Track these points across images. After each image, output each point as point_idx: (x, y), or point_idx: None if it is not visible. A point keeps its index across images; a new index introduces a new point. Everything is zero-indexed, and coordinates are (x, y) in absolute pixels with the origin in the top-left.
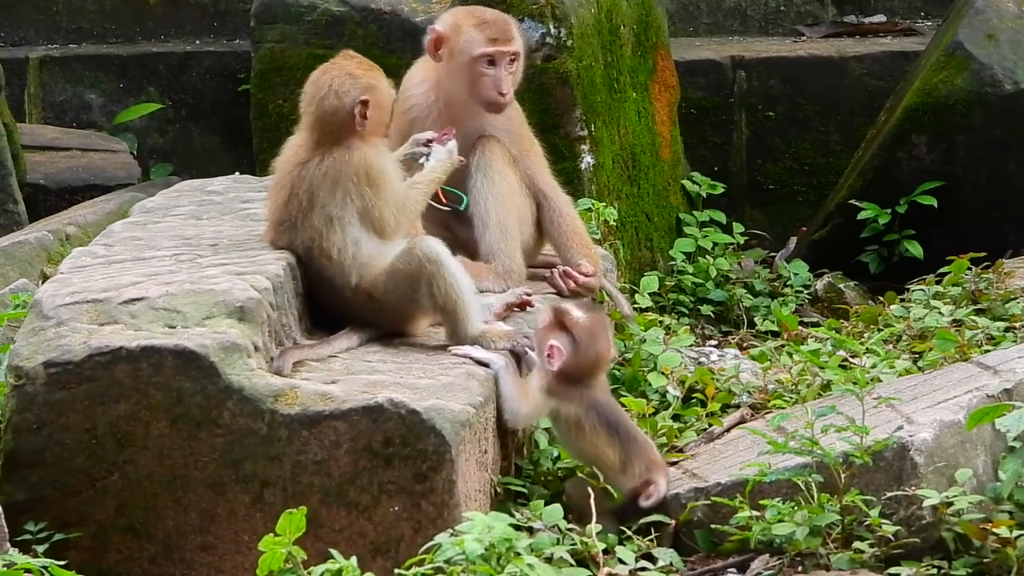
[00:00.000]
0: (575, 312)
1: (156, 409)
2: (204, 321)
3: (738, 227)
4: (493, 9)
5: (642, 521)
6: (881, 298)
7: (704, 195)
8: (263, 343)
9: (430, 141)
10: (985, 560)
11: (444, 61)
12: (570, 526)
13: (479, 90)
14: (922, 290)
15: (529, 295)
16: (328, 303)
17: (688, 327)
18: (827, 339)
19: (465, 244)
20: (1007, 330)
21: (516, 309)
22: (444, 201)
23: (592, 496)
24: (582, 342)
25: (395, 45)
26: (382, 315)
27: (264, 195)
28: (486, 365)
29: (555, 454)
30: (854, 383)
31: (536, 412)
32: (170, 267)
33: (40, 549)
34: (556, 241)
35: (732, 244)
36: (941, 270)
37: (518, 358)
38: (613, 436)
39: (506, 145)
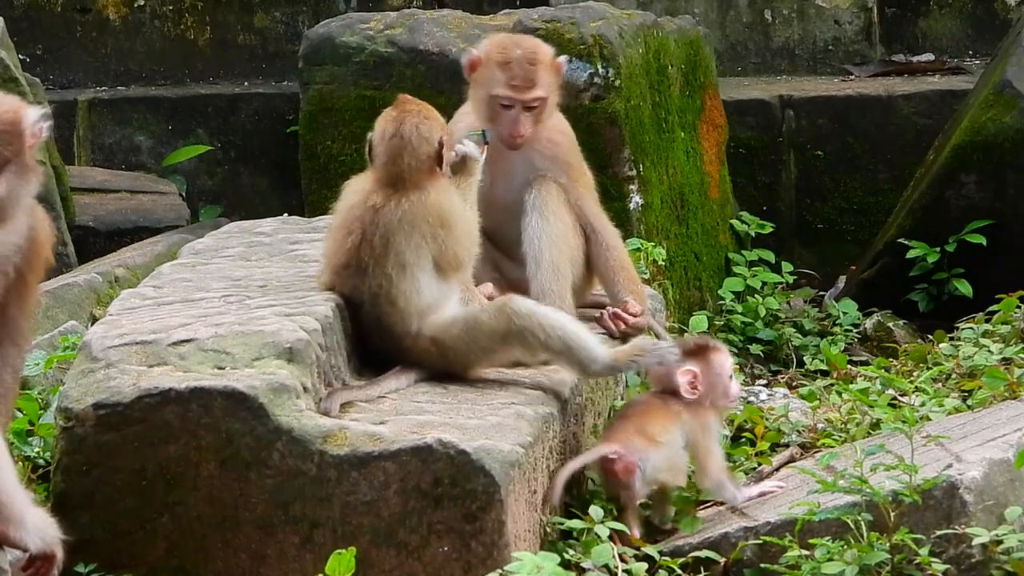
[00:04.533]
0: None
1: (205, 450)
2: (253, 362)
3: (787, 266)
4: (529, 44)
5: (691, 556)
6: (930, 336)
7: (753, 234)
8: (312, 384)
9: None
10: None
11: (472, 88)
12: (620, 564)
13: (496, 127)
14: (971, 328)
15: None
16: (383, 347)
17: (737, 366)
18: (876, 378)
19: (515, 284)
20: None
21: None
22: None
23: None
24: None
25: (443, 86)
26: (444, 360)
27: (313, 236)
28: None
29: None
30: (903, 422)
31: None
32: (219, 308)
33: None
34: (603, 276)
35: (781, 283)
36: (990, 308)
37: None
38: None
39: (560, 183)
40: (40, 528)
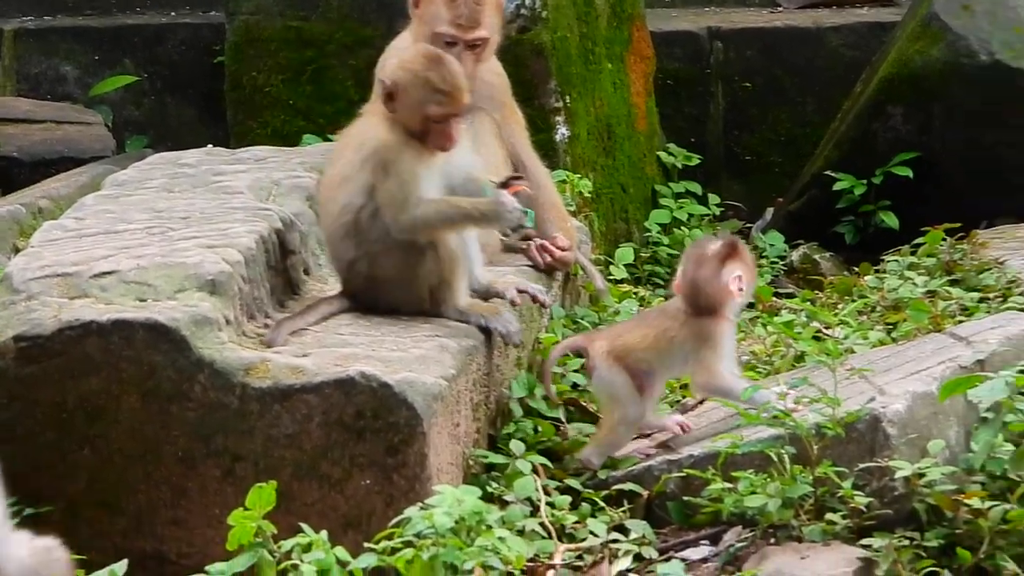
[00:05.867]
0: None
1: (127, 383)
2: (175, 294)
3: (714, 198)
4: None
5: (615, 488)
6: (856, 269)
7: (680, 166)
8: (235, 316)
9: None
10: (957, 531)
11: (415, 24)
12: (543, 497)
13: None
14: (897, 261)
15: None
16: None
17: (663, 299)
18: (801, 310)
19: None
20: (981, 301)
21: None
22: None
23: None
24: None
25: (370, 17)
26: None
27: (237, 168)
28: None
29: (531, 427)
30: (827, 354)
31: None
32: (142, 240)
33: None
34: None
35: (708, 215)
36: (916, 241)
37: (490, 333)
38: None
39: (494, 118)
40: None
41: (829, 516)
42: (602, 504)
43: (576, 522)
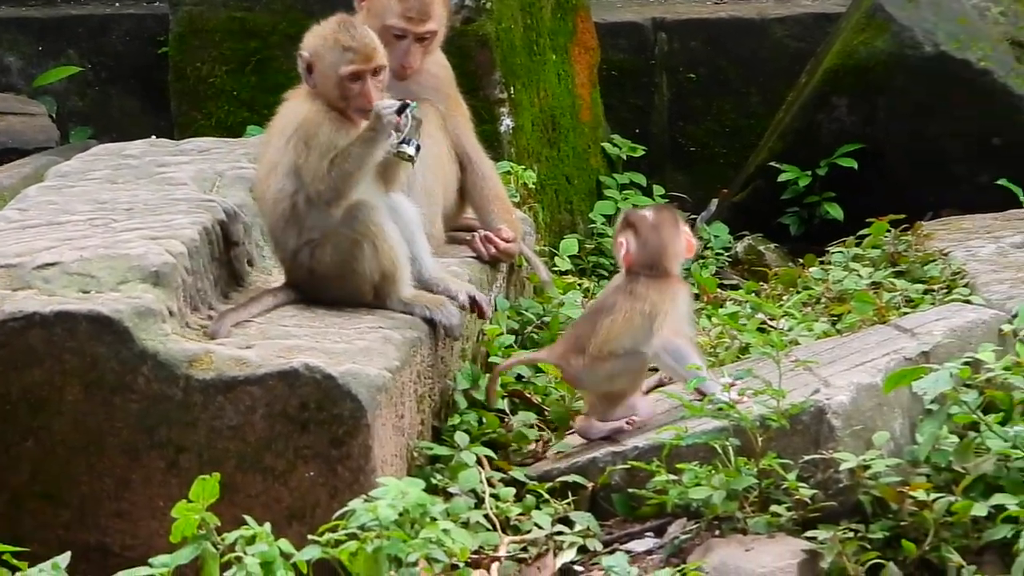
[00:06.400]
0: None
1: (70, 375)
2: (118, 286)
3: (659, 189)
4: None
5: (560, 480)
6: (801, 260)
7: (625, 157)
8: (178, 308)
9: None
10: (902, 523)
11: (364, 17)
12: (487, 489)
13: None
14: (841, 252)
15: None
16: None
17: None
18: (746, 302)
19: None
20: (925, 292)
21: None
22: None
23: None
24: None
25: (313, 8)
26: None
27: (181, 159)
28: None
29: (476, 418)
30: (771, 346)
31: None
32: (85, 232)
33: None
34: (477, 205)
35: None
36: (861, 232)
37: (433, 324)
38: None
39: (439, 110)
40: None
41: (774, 508)
42: (547, 496)
43: (521, 514)
